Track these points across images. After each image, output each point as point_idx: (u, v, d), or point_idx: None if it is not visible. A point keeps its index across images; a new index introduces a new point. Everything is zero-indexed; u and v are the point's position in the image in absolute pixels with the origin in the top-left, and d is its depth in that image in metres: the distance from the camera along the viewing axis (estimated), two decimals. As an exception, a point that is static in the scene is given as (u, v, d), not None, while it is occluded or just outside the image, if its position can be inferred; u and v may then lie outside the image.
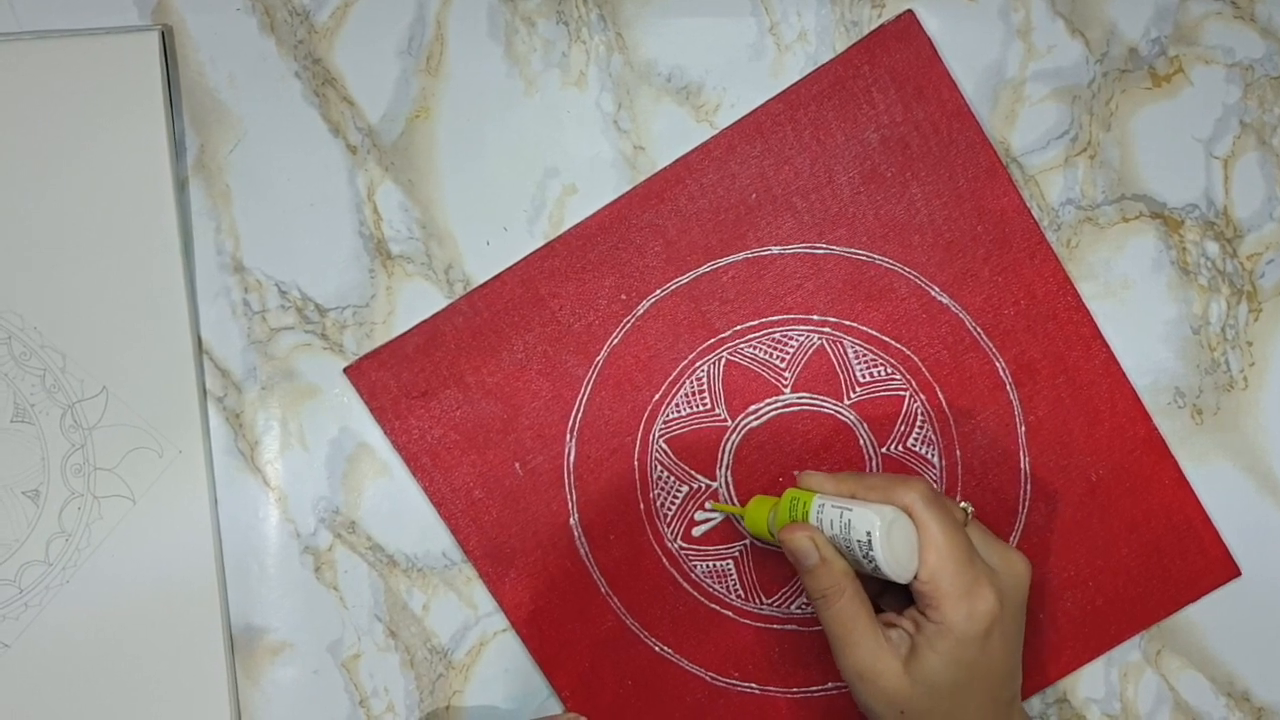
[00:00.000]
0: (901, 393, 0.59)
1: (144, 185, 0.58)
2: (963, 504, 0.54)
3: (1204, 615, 0.60)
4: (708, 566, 0.59)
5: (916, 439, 0.59)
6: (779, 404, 0.59)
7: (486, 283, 0.59)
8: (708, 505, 0.59)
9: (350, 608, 0.60)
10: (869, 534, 0.49)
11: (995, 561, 0.52)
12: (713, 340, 0.59)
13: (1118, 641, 0.59)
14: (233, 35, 0.59)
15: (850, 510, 0.50)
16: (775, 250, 0.59)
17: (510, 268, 0.59)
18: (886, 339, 0.59)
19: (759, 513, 0.55)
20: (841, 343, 0.59)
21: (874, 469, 0.59)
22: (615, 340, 0.59)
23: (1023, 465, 0.59)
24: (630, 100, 0.59)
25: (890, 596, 0.55)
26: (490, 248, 0.59)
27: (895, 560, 0.49)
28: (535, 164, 0.59)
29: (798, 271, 0.59)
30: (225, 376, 0.59)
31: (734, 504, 0.59)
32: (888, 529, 0.49)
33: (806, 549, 0.51)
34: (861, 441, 0.59)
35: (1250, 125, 0.59)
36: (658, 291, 0.59)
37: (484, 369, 0.59)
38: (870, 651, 0.51)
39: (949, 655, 0.50)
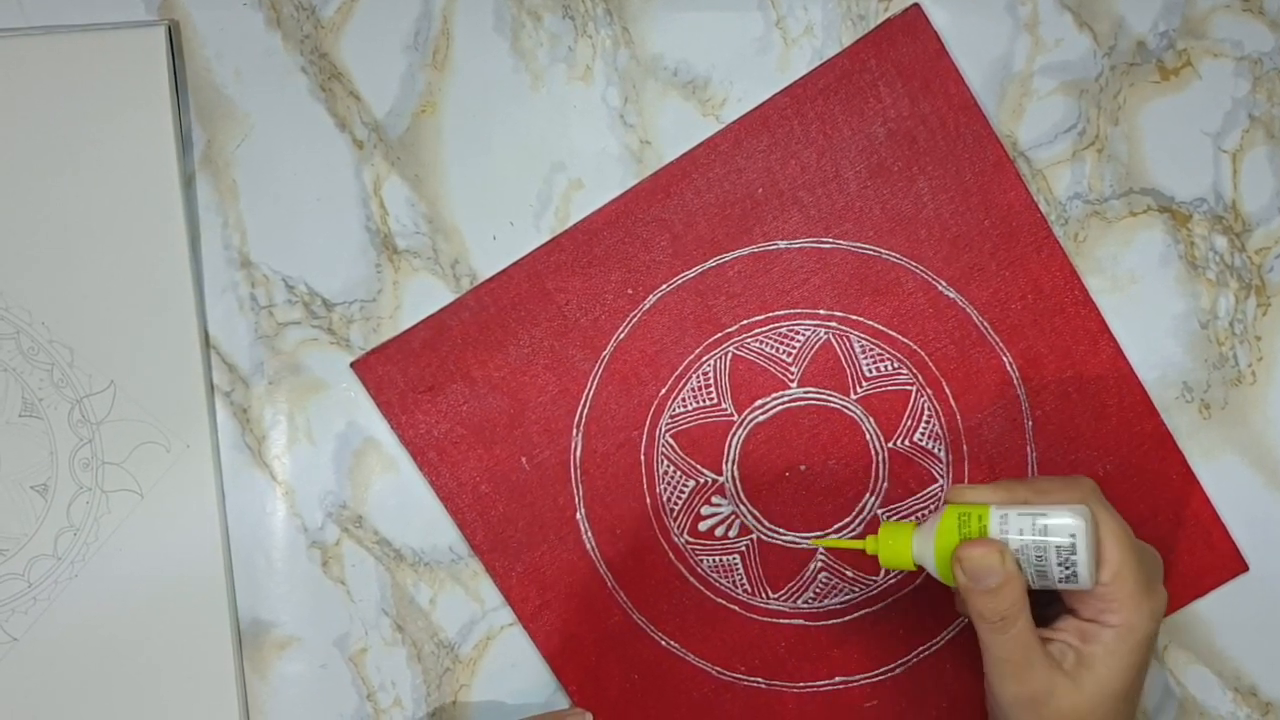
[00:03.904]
0: (908, 387, 0.59)
1: (151, 180, 0.58)
2: None
3: (1211, 610, 0.59)
4: (714, 561, 0.59)
5: (923, 434, 0.59)
6: (785, 399, 0.59)
7: (493, 278, 0.59)
8: (818, 550, 0.57)
9: (357, 602, 0.60)
10: (1073, 537, 0.46)
11: (1147, 556, 0.49)
12: (719, 335, 0.59)
13: (1125, 636, 0.59)
14: (239, 30, 0.59)
15: (1044, 515, 0.46)
16: (782, 245, 0.59)
17: (516, 263, 0.59)
18: (893, 333, 0.59)
19: (897, 541, 0.50)
20: (848, 337, 0.59)
21: (880, 464, 0.59)
22: (621, 335, 0.59)
23: (1030, 460, 0.59)
24: (636, 94, 0.59)
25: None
26: (496, 243, 0.59)
27: (1091, 563, 0.46)
28: (541, 159, 0.59)
29: (804, 266, 0.59)
30: (232, 371, 0.60)
31: (742, 502, 0.59)
32: (1090, 530, 0.46)
33: (993, 566, 0.46)
34: (868, 436, 0.59)
35: (1259, 119, 0.58)
36: (664, 286, 0.59)
37: (490, 364, 0.59)
38: (1044, 673, 0.47)
39: (1127, 659, 0.47)
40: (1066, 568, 0.46)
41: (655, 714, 0.60)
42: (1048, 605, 0.51)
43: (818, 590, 0.59)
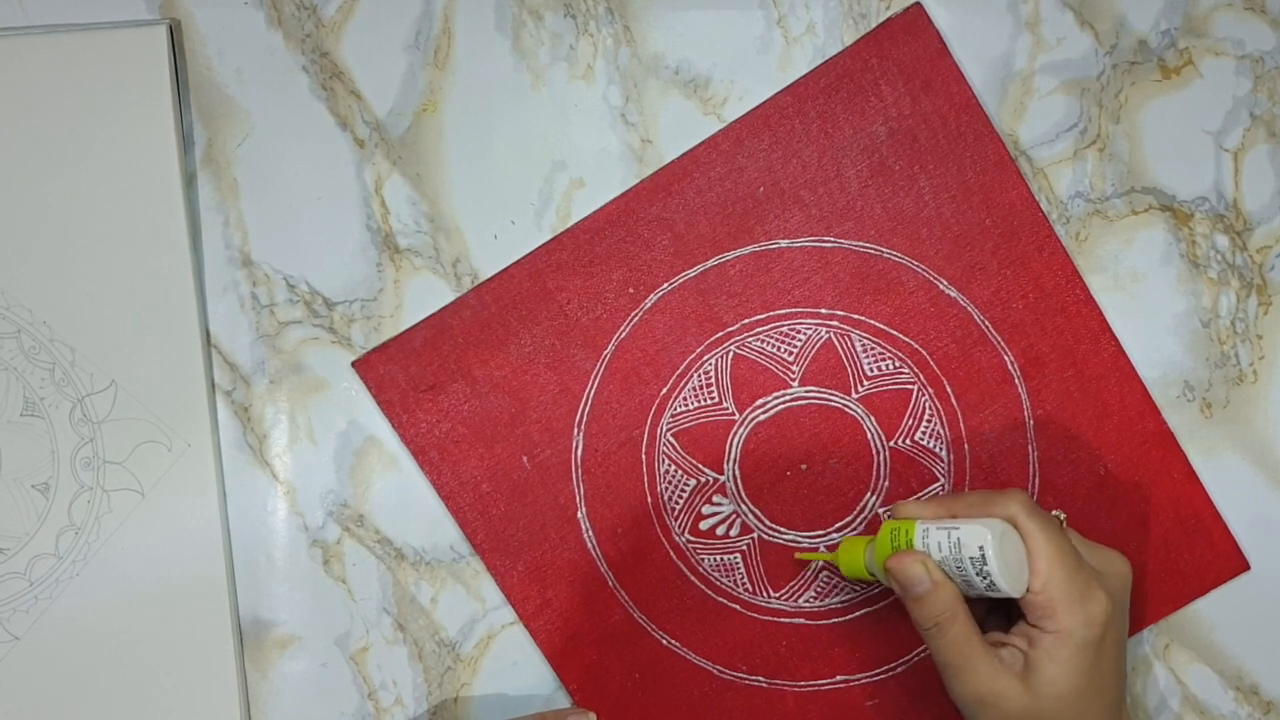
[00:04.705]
0: (909, 386, 0.59)
1: (152, 179, 0.58)
2: (1055, 512, 0.53)
3: (1212, 609, 0.59)
4: (715, 560, 0.59)
5: (924, 432, 0.59)
6: (787, 398, 0.59)
7: (494, 276, 0.59)
8: (796, 556, 0.59)
9: (358, 601, 0.60)
10: (981, 549, 0.48)
11: (1098, 563, 0.51)
12: (720, 334, 0.59)
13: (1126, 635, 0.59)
14: (240, 29, 0.59)
15: (957, 529, 0.49)
16: (783, 244, 0.59)
17: (518, 261, 0.59)
18: (894, 332, 0.59)
19: (853, 553, 0.55)
20: (849, 336, 0.59)
21: (882, 463, 0.59)
22: (623, 334, 0.59)
23: (1031, 459, 0.59)
24: (638, 93, 0.59)
25: (994, 618, 0.54)
26: (498, 241, 0.59)
27: (1009, 573, 0.48)
28: (543, 157, 0.59)
29: (805, 265, 0.59)
30: (234, 370, 0.60)
31: (743, 501, 0.59)
32: (999, 542, 0.48)
33: (918, 575, 0.50)
34: (869, 435, 0.59)
35: (1260, 118, 0.58)
36: (665, 285, 0.59)
37: (491, 363, 0.59)
38: (989, 675, 0.50)
39: (1069, 663, 0.49)
40: (984, 577, 0.49)
41: (656, 713, 0.60)
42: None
43: (819, 589, 0.59)
